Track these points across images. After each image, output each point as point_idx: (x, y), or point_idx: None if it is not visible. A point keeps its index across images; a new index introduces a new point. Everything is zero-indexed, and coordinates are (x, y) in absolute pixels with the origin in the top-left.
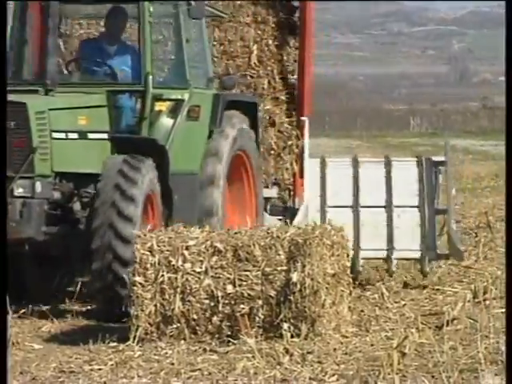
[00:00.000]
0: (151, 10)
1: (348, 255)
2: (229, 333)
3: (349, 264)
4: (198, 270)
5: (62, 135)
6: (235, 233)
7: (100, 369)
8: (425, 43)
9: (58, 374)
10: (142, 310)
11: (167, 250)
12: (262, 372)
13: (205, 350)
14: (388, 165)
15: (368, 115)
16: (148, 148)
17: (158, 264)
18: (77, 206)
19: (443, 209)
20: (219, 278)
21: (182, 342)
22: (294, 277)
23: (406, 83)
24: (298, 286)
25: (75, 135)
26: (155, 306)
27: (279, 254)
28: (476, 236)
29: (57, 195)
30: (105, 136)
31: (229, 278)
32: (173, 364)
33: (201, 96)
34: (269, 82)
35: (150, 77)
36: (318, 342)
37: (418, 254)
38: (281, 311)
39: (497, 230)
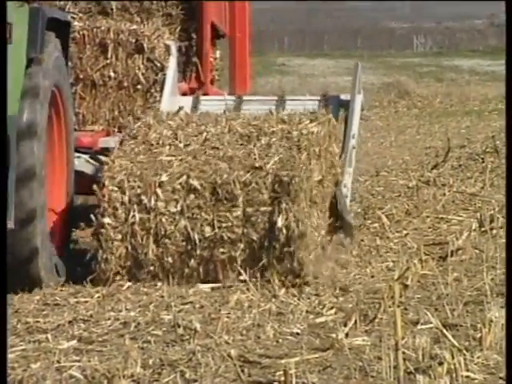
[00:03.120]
0: None
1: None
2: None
3: (337, 150)
4: (172, 210)
5: None
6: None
7: (86, 301)
8: None
9: (41, 307)
10: (112, 253)
11: (138, 187)
12: (256, 305)
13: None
14: (281, 104)
15: (369, 34)
16: None
17: (129, 202)
18: None
19: None
20: (196, 219)
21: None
22: (279, 222)
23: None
24: (284, 230)
25: None
26: (126, 248)
27: (262, 193)
28: (482, 161)
29: None
30: None
31: (207, 219)
32: (162, 297)
33: (10, 10)
34: None
35: None
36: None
37: None
38: (263, 256)
39: (456, 155)
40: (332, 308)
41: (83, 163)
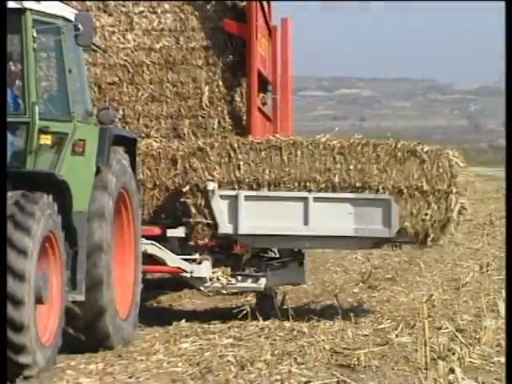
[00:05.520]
0: (35, 35)
1: None
2: None
3: None
4: None
5: None
6: None
7: (237, 314)
8: (452, 106)
9: (211, 316)
10: None
11: None
12: (341, 317)
13: None
14: None
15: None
16: (46, 183)
17: None
18: None
19: None
20: None
21: None
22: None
23: (440, 131)
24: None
25: None
26: None
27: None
28: (483, 229)
29: None
30: None
31: None
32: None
33: (85, 129)
34: (219, 122)
35: (36, 107)
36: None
37: None
38: None
39: (497, 225)
40: (388, 319)
41: (154, 248)
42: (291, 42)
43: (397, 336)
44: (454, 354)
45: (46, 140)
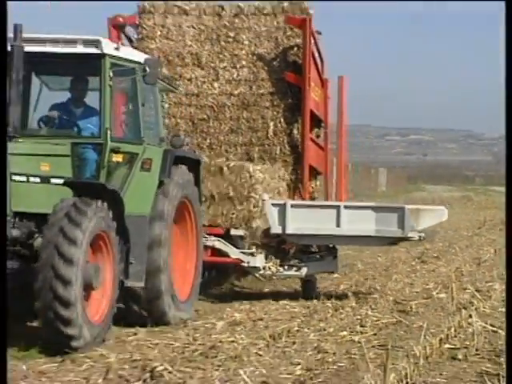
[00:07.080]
0: (111, 75)
1: None
2: None
3: None
4: None
5: (23, 178)
6: None
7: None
8: (482, 148)
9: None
10: None
11: None
12: (405, 277)
13: None
14: None
15: (455, 176)
16: (100, 191)
17: None
18: (38, 242)
19: None
20: None
21: None
22: None
23: (475, 163)
24: None
25: (37, 179)
26: None
27: None
28: (479, 228)
29: (16, 233)
30: None
31: None
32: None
33: (153, 150)
34: (280, 149)
35: (108, 131)
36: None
37: None
38: None
39: (488, 224)
40: (432, 282)
41: (220, 244)
42: (346, 94)
43: (437, 293)
44: (472, 305)
45: (118, 158)
